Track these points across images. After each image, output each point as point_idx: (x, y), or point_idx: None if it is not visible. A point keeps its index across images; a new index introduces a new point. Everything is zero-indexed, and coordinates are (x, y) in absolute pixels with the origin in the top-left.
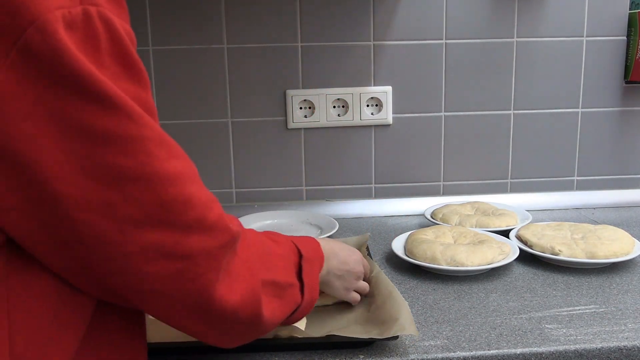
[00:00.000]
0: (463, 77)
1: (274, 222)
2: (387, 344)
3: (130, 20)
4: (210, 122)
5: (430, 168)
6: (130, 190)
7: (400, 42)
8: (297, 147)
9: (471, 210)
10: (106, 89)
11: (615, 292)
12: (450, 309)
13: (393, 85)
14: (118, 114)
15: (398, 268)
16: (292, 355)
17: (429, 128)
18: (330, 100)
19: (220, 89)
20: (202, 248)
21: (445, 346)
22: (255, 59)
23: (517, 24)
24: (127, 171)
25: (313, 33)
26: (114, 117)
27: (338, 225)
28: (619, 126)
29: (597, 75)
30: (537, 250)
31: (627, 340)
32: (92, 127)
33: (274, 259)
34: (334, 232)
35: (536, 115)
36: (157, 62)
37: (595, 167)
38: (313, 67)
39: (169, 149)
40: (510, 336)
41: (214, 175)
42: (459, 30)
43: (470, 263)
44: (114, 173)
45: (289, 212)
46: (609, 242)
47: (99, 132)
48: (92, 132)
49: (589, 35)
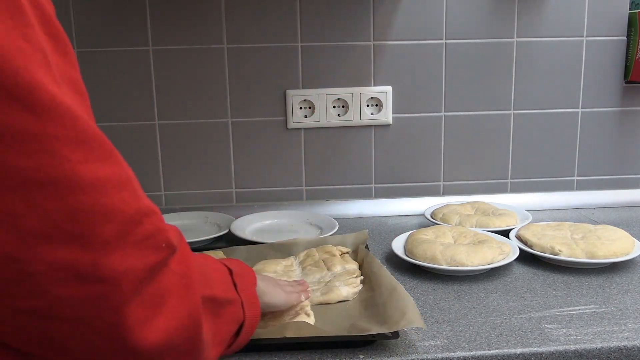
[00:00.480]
0: (463, 77)
1: (273, 222)
2: (387, 343)
3: (130, 20)
4: (210, 122)
5: (430, 168)
6: (35, 197)
7: (400, 42)
8: (297, 147)
9: (471, 210)
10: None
11: (615, 292)
12: (450, 309)
13: (393, 85)
14: (18, 106)
15: (398, 268)
16: (292, 355)
17: (429, 128)
18: (330, 100)
19: (220, 89)
20: (125, 270)
21: (445, 346)
22: (255, 59)
23: (517, 24)
24: (31, 175)
25: (313, 33)
26: (14, 110)
27: (338, 225)
28: (619, 126)
29: (597, 75)
30: (537, 250)
31: (627, 340)
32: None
33: (211, 273)
34: (334, 232)
35: (536, 115)
36: (157, 62)
37: (595, 167)
38: (313, 67)
39: (91, 150)
40: (510, 336)
41: (214, 175)
42: (459, 30)
43: (470, 263)
44: (17, 177)
45: (289, 212)
46: (609, 242)
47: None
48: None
49: (589, 35)
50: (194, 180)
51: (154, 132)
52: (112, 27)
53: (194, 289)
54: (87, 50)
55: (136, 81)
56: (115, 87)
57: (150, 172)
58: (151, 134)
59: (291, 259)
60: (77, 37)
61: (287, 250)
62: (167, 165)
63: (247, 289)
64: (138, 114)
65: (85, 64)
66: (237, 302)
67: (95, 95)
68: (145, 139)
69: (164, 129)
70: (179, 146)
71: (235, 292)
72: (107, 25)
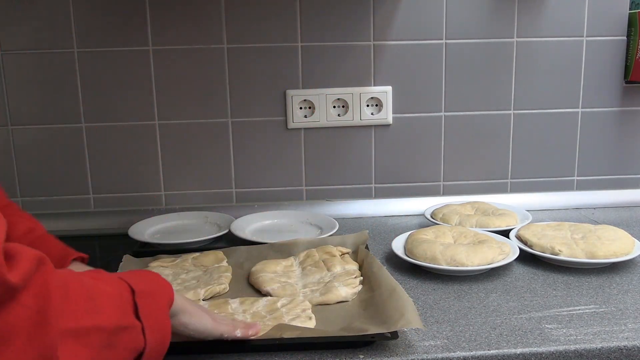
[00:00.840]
0: (463, 77)
1: (274, 222)
2: (387, 343)
3: (130, 20)
4: (210, 122)
5: (430, 168)
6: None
7: (400, 42)
8: (297, 147)
9: (471, 210)
10: None
11: (615, 292)
12: (450, 309)
13: (393, 85)
14: None
15: (398, 268)
16: (292, 355)
17: (429, 128)
18: (330, 100)
19: (220, 89)
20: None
21: (445, 346)
22: (255, 59)
23: (517, 24)
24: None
25: (313, 33)
26: None
27: (338, 225)
28: (619, 126)
29: (597, 75)
30: (537, 250)
31: (627, 340)
32: None
33: (100, 300)
34: (334, 232)
35: (536, 115)
36: (157, 62)
37: (595, 167)
38: (313, 67)
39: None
40: (510, 336)
41: (214, 175)
42: (459, 30)
43: (470, 263)
44: None
45: (289, 212)
46: (609, 242)
47: None
48: None
49: (589, 35)
50: (194, 180)
51: (154, 132)
52: (112, 27)
53: (51, 325)
54: (87, 50)
55: (136, 81)
56: (115, 87)
57: (150, 172)
58: (151, 134)
59: (291, 260)
60: (77, 37)
61: (287, 250)
62: (167, 165)
63: (154, 311)
64: (138, 114)
65: (85, 64)
66: (135, 328)
67: (96, 95)
68: (145, 139)
69: (164, 129)
70: (179, 146)
71: (133, 316)
72: (107, 25)
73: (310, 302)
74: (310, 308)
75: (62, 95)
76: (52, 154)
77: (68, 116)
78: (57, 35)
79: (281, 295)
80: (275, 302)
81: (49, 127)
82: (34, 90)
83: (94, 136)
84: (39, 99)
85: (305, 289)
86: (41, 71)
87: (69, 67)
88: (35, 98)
